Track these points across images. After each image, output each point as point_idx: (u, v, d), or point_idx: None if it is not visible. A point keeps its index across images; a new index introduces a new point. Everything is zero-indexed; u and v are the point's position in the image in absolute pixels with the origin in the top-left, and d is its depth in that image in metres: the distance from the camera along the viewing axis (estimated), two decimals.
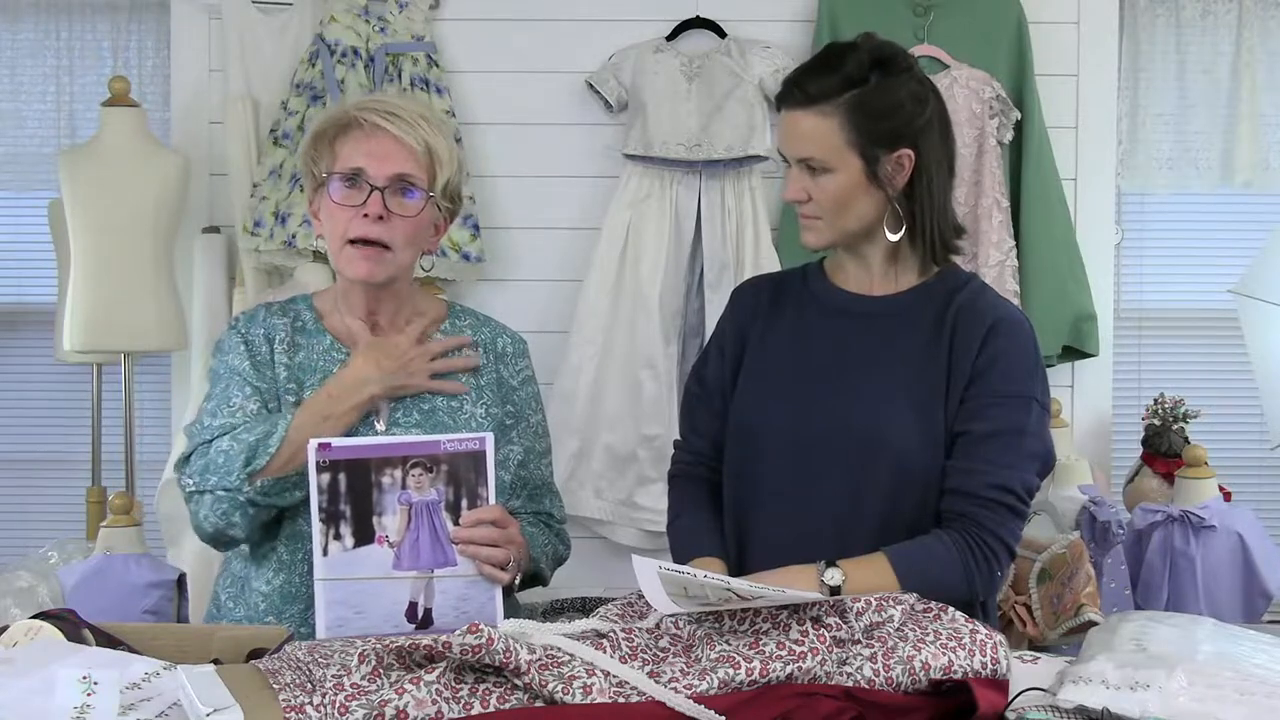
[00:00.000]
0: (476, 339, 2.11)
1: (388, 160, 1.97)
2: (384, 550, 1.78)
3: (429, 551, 1.80)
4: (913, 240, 1.94)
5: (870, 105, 1.86)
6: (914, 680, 1.43)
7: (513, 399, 2.10)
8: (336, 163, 1.99)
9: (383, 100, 2.07)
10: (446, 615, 1.79)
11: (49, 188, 3.55)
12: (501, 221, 3.45)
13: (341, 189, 1.97)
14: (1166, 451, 3.23)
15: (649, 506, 3.29)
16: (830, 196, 1.89)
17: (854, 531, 1.87)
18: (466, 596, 1.81)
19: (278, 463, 1.90)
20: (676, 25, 3.43)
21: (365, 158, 1.97)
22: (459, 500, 1.81)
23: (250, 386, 2.00)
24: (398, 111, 2.01)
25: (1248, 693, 1.33)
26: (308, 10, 3.42)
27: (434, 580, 1.79)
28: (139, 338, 3.24)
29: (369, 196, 1.95)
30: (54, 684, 1.32)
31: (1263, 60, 3.53)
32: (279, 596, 1.97)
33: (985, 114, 3.29)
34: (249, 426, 1.94)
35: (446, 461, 1.81)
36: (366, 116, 1.99)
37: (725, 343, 2.06)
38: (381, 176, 1.96)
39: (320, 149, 2.02)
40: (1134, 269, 3.65)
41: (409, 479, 1.80)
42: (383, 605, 1.77)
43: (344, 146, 1.99)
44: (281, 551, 1.98)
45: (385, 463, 1.79)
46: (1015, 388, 1.88)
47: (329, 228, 2.00)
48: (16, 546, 3.56)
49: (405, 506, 1.79)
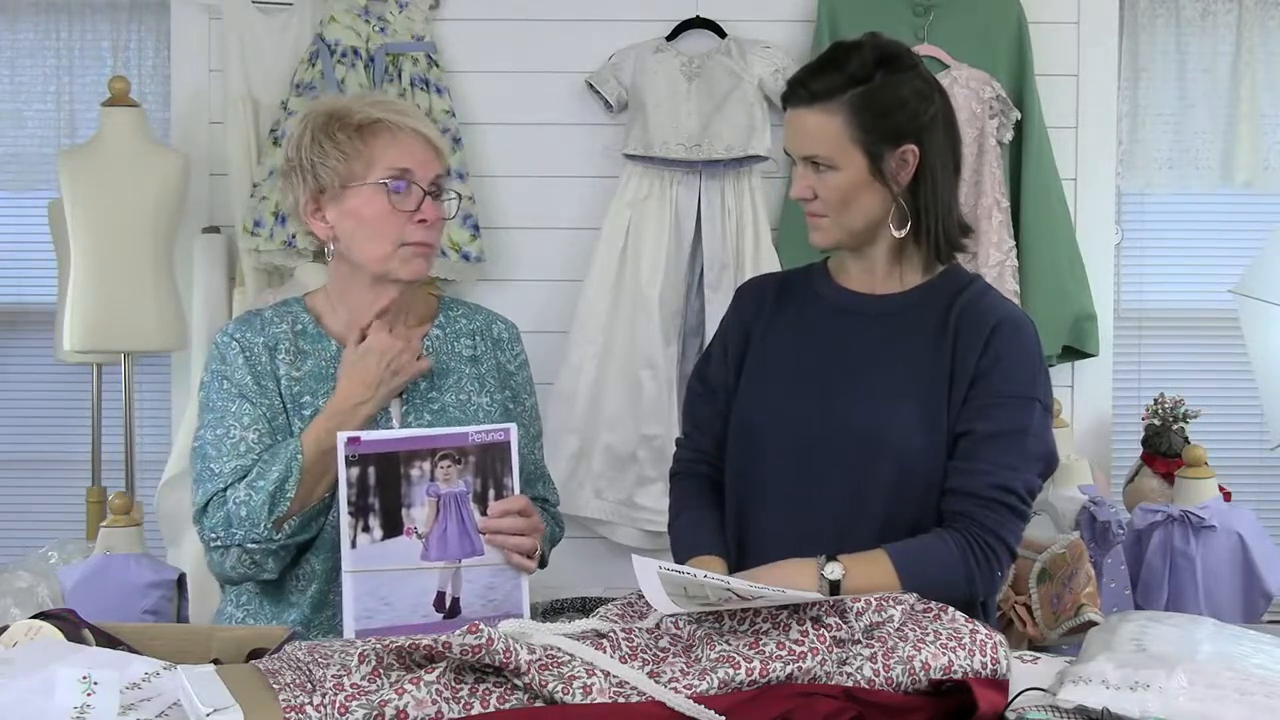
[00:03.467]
0: (472, 327, 2.11)
1: (427, 163, 1.99)
2: (412, 541, 1.79)
3: (457, 542, 1.81)
4: (917, 238, 1.94)
5: (874, 102, 1.87)
6: (914, 680, 1.43)
7: (510, 384, 2.12)
8: (374, 165, 1.96)
9: (389, 100, 2.05)
10: (474, 604, 1.80)
11: (49, 188, 3.55)
12: (501, 221, 3.45)
13: (392, 193, 1.96)
14: (1166, 451, 3.23)
15: (649, 506, 3.29)
16: (835, 193, 1.89)
17: (855, 531, 1.87)
18: (493, 585, 1.82)
19: (297, 504, 1.91)
20: (676, 25, 3.43)
21: (410, 159, 1.97)
22: (485, 491, 1.83)
23: (249, 408, 1.96)
24: (408, 109, 2.03)
25: (1248, 693, 1.33)
26: (308, 10, 3.43)
27: (461, 570, 1.80)
28: (139, 338, 3.24)
29: (422, 202, 1.97)
30: (54, 684, 1.32)
31: (1263, 60, 3.53)
32: (310, 606, 1.96)
33: (985, 114, 3.29)
34: (262, 469, 1.91)
35: (474, 453, 1.82)
36: (392, 118, 1.98)
37: (728, 341, 2.07)
38: (426, 180, 1.98)
39: (340, 147, 1.96)
40: (1134, 269, 3.65)
41: (437, 471, 1.80)
42: (411, 596, 1.78)
43: (378, 148, 1.97)
44: (315, 561, 1.96)
45: (414, 455, 1.80)
46: (1018, 389, 1.88)
47: (376, 230, 1.97)
48: (16, 546, 3.56)
49: (434, 499, 1.80)
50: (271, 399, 1.98)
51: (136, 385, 3.45)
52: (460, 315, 2.13)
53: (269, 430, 1.96)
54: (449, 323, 2.11)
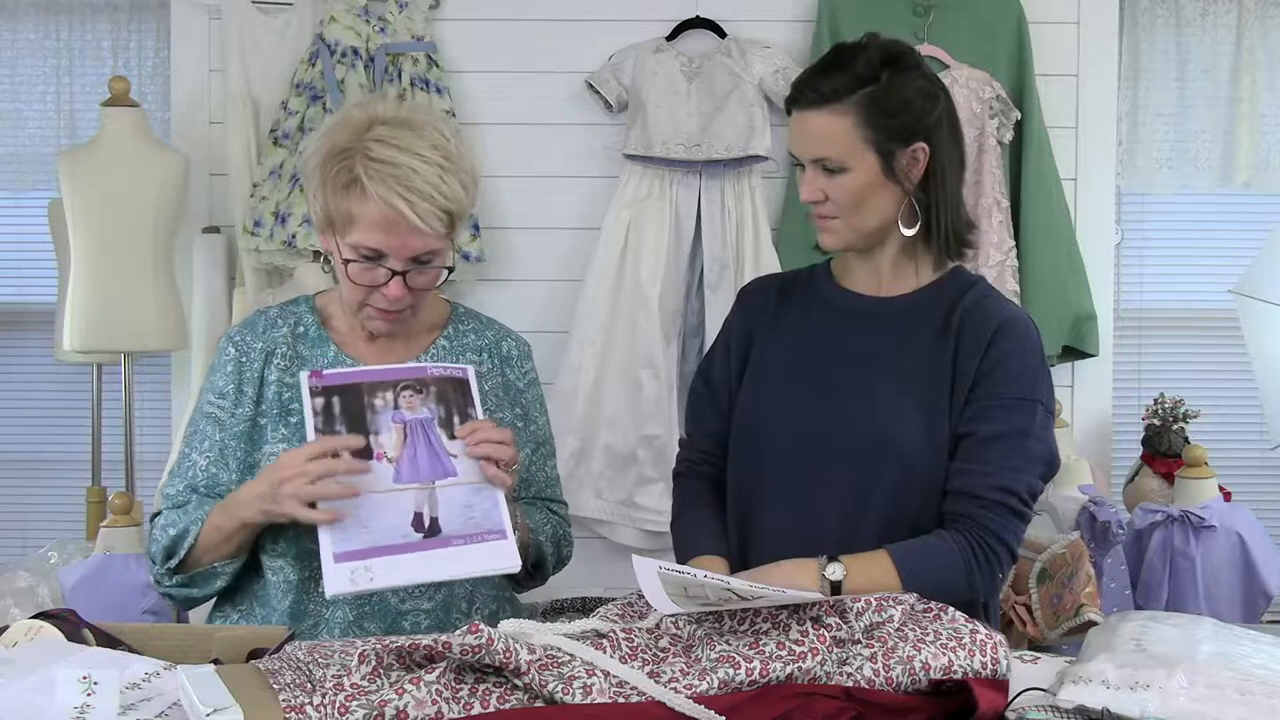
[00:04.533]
0: (480, 343, 2.09)
1: (408, 242, 1.87)
2: (384, 465, 1.79)
3: (427, 464, 1.81)
4: (928, 236, 1.94)
5: (883, 101, 1.87)
6: (914, 680, 1.43)
7: (520, 401, 2.09)
8: (351, 227, 1.86)
9: (396, 159, 1.84)
10: (454, 523, 1.79)
11: (49, 188, 3.55)
12: (501, 221, 3.45)
13: (359, 266, 1.88)
14: (1166, 451, 3.23)
15: (649, 506, 3.29)
16: (847, 195, 1.89)
17: (858, 532, 1.87)
18: (470, 504, 1.81)
19: (190, 563, 1.92)
20: (676, 25, 3.43)
21: (383, 238, 1.85)
22: (450, 418, 1.84)
23: (211, 429, 1.97)
24: (412, 183, 1.83)
25: (1248, 693, 1.33)
26: (308, 10, 3.43)
27: (436, 490, 1.80)
28: (139, 338, 3.24)
29: (390, 280, 1.88)
30: (54, 684, 1.32)
31: (1263, 60, 3.53)
32: (289, 615, 1.94)
33: (985, 114, 3.29)
34: (178, 516, 1.93)
35: (434, 384, 1.84)
36: (381, 192, 1.83)
37: (731, 342, 2.07)
38: (401, 259, 1.88)
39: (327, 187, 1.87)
40: (1134, 269, 3.65)
41: (400, 400, 1.82)
42: (388, 518, 1.77)
43: (355, 209, 1.85)
44: (289, 572, 1.94)
45: (377, 387, 1.82)
46: (1020, 390, 1.88)
47: (345, 288, 1.94)
48: (16, 546, 3.57)
49: (400, 425, 1.81)
50: (246, 407, 1.97)
51: (136, 385, 3.45)
52: (470, 330, 2.10)
53: (219, 457, 1.96)
54: (457, 335, 2.08)
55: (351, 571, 1.73)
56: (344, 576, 1.72)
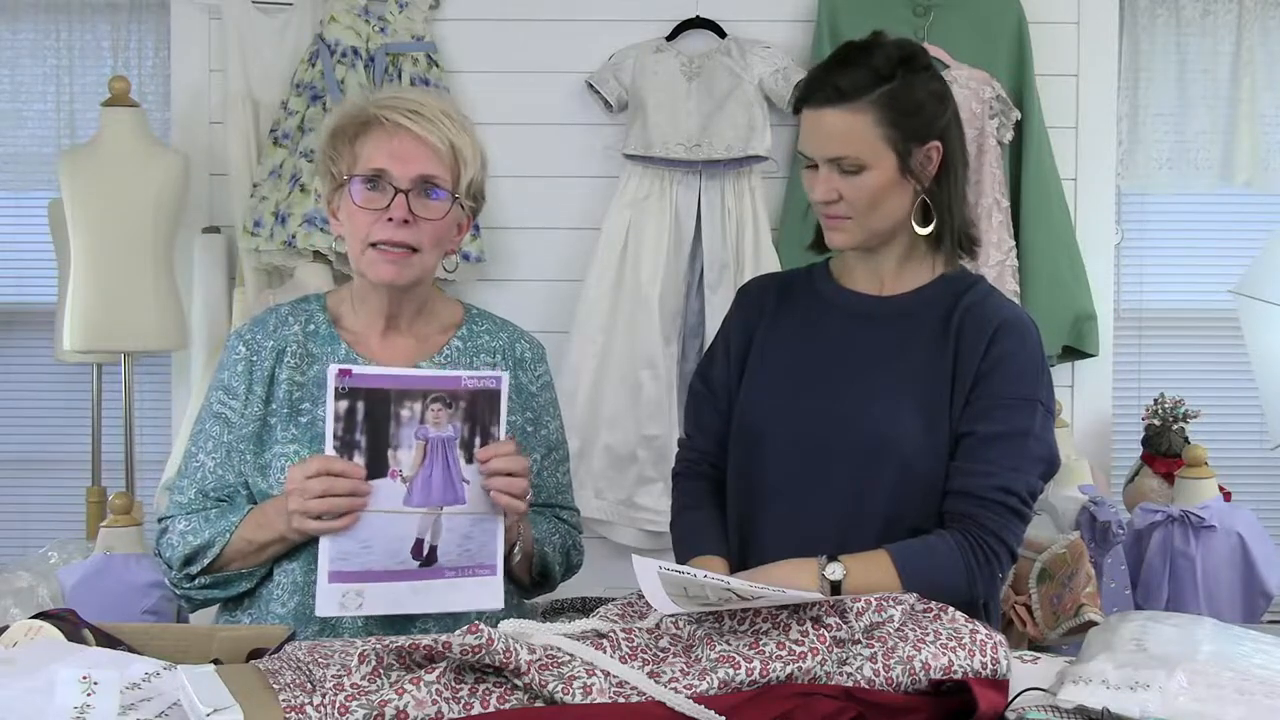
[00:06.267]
0: (494, 344, 2.08)
1: (411, 161, 1.91)
2: (396, 484, 1.75)
3: (441, 488, 1.77)
4: (939, 235, 1.94)
5: (901, 100, 1.86)
6: (914, 680, 1.43)
7: (532, 405, 2.08)
8: (357, 163, 1.93)
9: (403, 97, 1.98)
10: (451, 553, 1.77)
11: (49, 188, 3.55)
12: (501, 221, 3.45)
13: (363, 191, 1.91)
14: (1166, 451, 3.23)
15: (649, 506, 3.29)
16: (864, 195, 1.88)
17: (857, 532, 1.87)
18: (470, 535, 1.79)
19: (215, 569, 1.92)
20: (676, 25, 3.43)
21: (388, 158, 1.91)
22: (473, 438, 1.78)
23: (218, 430, 1.96)
24: (420, 109, 1.94)
25: (1248, 693, 1.33)
26: (308, 10, 3.43)
27: (442, 517, 1.77)
28: (139, 338, 3.24)
29: (393, 199, 1.90)
30: (54, 684, 1.32)
31: (1263, 60, 3.53)
32: (293, 617, 1.92)
33: (985, 114, 3.29)
34: (200, 524, 1.92)
35: (465, 398, 1.77)
36: (388, 115, 1.92)
37: (731, 342, 2.06)
38: (405, 178, 1.91)
39: (339, 147, 1.96)
40: (1134, 269, 3.65)
41: (427, 414, 1.76)
42: (390, 541, 1.75)
43: (365, 146, 1.93)
44: (297, 574, 1.93)
45: (405, 395, 1.75)
46: (1020, 391, 1.88)
47: (350, 229, 1.95)
48: (16, 546, 3.57)
49: (422, 441, 1.76)
50: (255, 406, 1.96)
51: (136, 385, 3.45)
52: (484, 331, 2.09)
53: (225, 458, 1.96)
54: (471, 336, 2.07)
55: (342, 594, 1.74)
56: (334, 599, 1.74)
